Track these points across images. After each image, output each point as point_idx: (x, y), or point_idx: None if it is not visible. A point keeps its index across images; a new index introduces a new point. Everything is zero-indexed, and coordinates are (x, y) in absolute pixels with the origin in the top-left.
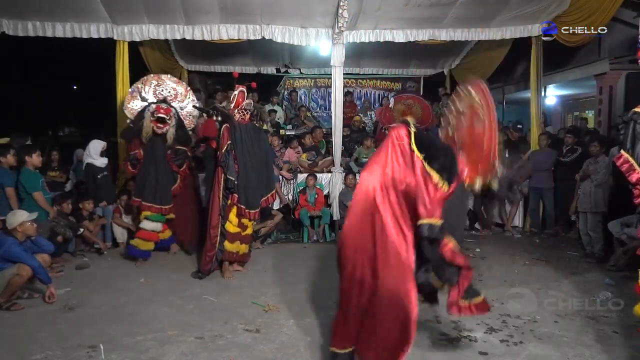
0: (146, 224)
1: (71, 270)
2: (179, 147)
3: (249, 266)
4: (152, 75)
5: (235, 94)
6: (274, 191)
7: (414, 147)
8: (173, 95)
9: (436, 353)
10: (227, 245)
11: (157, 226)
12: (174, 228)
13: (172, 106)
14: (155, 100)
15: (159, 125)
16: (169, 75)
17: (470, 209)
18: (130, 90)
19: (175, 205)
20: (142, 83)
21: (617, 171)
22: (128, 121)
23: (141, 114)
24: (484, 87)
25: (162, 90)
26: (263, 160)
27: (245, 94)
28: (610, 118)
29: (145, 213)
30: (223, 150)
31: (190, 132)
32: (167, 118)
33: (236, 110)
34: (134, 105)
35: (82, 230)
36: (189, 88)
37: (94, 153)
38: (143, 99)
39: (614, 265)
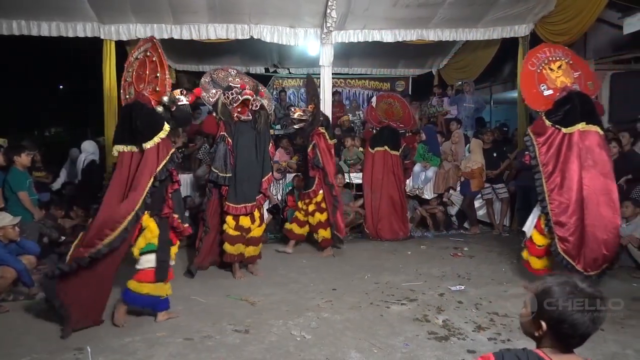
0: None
1: None
2: None
3: None
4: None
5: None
6: (261, 196)
7: None
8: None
9: (425, 351)
10: (228, 247)
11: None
12: None
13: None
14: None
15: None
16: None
17: (458, 208)
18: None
19: None
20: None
21: None
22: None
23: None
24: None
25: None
26: (259, 162)
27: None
28: None
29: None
30: (216, 139)
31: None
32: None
33: (235, 114)
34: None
35: (64, 238)
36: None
37: (94, 151)
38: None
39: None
